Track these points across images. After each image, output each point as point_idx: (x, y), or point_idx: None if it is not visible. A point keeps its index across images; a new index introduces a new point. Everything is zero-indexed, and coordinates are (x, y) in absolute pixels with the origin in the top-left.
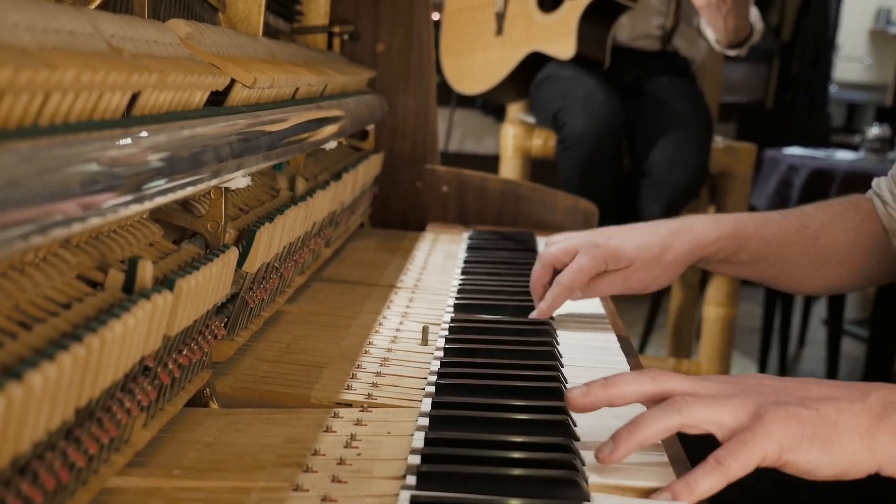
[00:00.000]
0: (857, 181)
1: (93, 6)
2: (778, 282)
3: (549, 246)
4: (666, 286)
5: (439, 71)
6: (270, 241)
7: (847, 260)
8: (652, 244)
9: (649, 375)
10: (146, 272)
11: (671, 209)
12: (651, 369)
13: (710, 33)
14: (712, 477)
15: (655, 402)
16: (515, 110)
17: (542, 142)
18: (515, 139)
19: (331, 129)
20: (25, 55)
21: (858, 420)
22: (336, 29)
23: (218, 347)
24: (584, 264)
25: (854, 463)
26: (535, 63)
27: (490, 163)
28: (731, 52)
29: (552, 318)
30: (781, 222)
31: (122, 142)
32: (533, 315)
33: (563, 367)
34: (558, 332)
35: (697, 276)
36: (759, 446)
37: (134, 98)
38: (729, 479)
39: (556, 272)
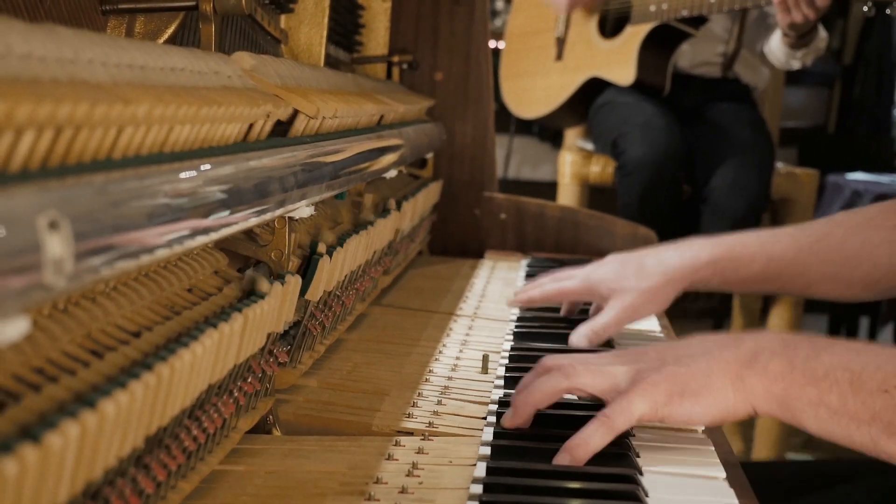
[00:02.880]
0: None
1: (161, 40)
2: (808, 293)
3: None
4: (660, 311)
5: (497, 98)
6: (333, 269)
7: (885, 259)
8: (645, 268)
9: (540, 364)
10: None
11: None
12: (544, 363)
13: (775, 41)
14: (600, 432)
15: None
16: (573, 137)
17: (600, 168)
18: (573, 166)
19: (391, 157)
20: (101, 90)
21: (730, 367)
22: (395, 59)
23: (281, 375)
24: (566, 286)
25: (727, 407)
26: (594, 88)
27: (547, 189)
28: (795, 62)
29: (612, 340)
30: (796, 236)
31: (190, 174)
32: (513, 298)
33: None
34: None
35: (759, 304)
36: (636, 405)
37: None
38: (615, 432)
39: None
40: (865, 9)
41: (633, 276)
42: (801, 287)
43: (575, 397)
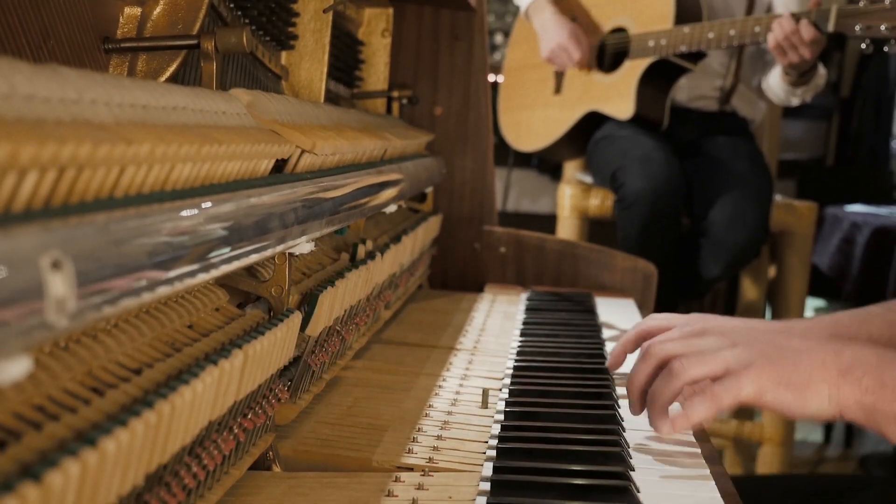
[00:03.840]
0: None
1: (163, 78)
2: None
3: (647, 320)
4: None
5: (496, 131)
6: (332, 304)
7: None
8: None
9: (648, 353)
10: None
11: (731, 269)
12: (652, 352)
13: (775, 77)
14: (705, 405)
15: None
16: (572, 170)
17: (600, 201)
18: (572, 199)
19: (390, 192)
20: (103, 130)
21: (829, 373)
22: (395, 94)
23: (280, 410)
24: (673, 333)
25: (819, 406)
26: (592, 122)
27: (547, 222)
28: (795, 98)
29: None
30: (887, 315)
31: (191, 212)
32: (608, 362)
33: (624, 431)
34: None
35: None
36: (744, 386)
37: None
38: (720, 408)
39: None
40: (863, 46)
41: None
42: None
43: (565, 424)
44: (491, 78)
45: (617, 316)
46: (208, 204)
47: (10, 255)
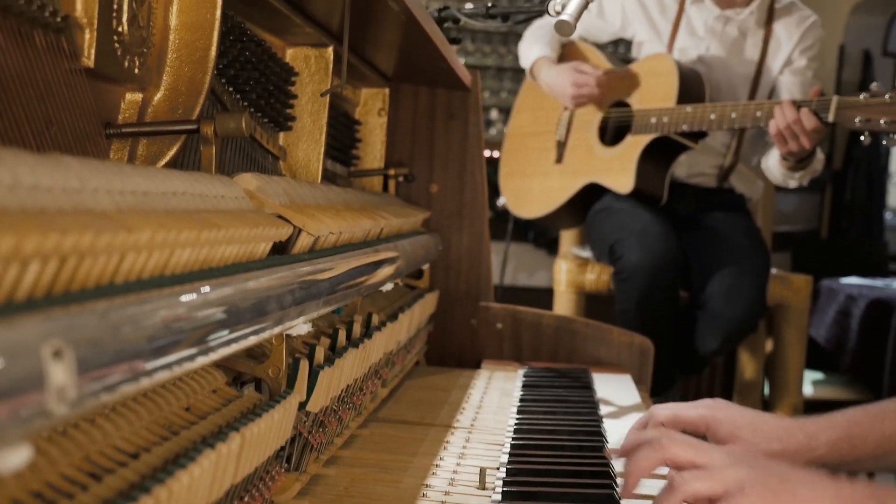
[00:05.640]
0: None
1: (163, 162)
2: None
3: (654, 410)
4: None
5: (493, 205)
6: (330, 383)
7: None
8: (761, 429)
9: (657, 446)
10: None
11: (729, 342)
12: (657, 436)
13: (773, 160)
14: None
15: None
16: (568, 244)
17: (596, 276)
18: (569, 274)
19: (387, 271)
20: (105, 218)
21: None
22: (391, 172)
23: (277, 491)
24: (683, 411)
25: None
26: (592, 193)
27: (544, 296)
28: (793, 181)
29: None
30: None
31: (190, 297)
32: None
33: None
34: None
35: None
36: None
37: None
38: None
39: None
40: (862, 137)
41: (754, 433)
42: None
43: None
44: (486, 153)
45: (614, 392)
46: (207, 288)
47: (13, 346)
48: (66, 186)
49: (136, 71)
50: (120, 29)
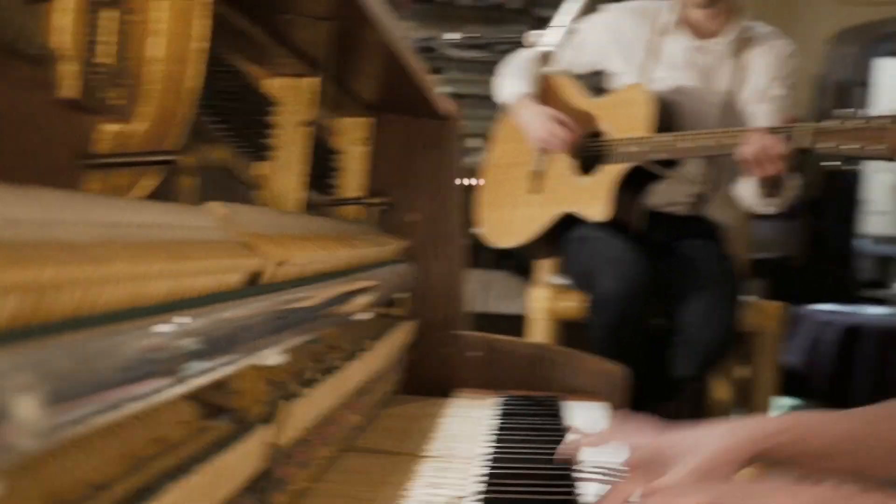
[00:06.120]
0: (889, 337)
1: (140, 193)
2: (874, 473)
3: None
4: (730, 475)
5: (471, 234)
6: (303, 414)
7: None
8: (704, 438)
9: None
10: None
11: (704, 368)
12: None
13: (748, 187)
14: None
15: None
16: (544, 272)
17: (571, 304)
18: (544, 301)
19: (363, 300)
20: (75, 251)
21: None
22: (370, 201)
23: None
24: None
25: None
26: (568, 222)
27: (520, 323)
28: (768, 207)
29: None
30: (857, 416)
31: (162, 328)
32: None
33: None
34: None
35: None
36: None
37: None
38: None
39: None
40: (836, 164)
41: (699, 443)
42: (866, 465)
43: None
44: (466, 181)
45: (589, 420)
46: (179, 320)
47: None
48: (37, 219)
49: (115, 102)
50: (99, 60)
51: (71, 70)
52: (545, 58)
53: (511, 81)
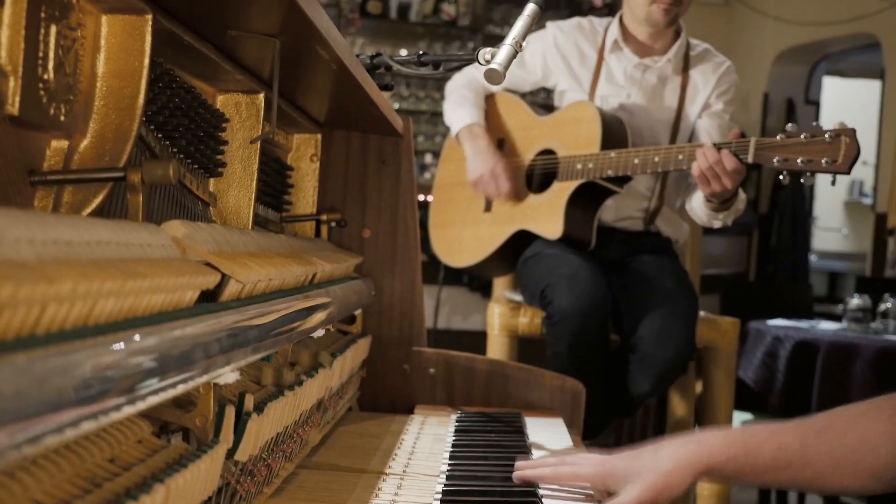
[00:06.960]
0: (841, 351)
1: (89, 209)
2: (820, 485)
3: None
4: (678, 494)
5: (426, 249)
6: (259, 431)
7: (885, 449)
8: (654, 457)
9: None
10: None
11: (660, 385)
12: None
13: (697, 202)
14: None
15: None
16: (501, 288)
17: (529, 320)
18: (502, 318)
19: (319, 317)
20: (25, 269)
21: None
22: (323, 217)
23: None
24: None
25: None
26: (522, 240)
27: (479, 338)
28: (717, 222)
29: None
30: (801, 427)
31: (115, 346)
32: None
33: None
34: None
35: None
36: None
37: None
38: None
39: None
40: (781, 177)
41: (650, 462)
42: (812, 477)
43: None
44: (420, 197)
45: (546, 436)
46: (131, 338)
47: None
48: None
49: (62, 118)
50: (45, 76)
51: (17, 86)
52: (497, 74)
53: (460, 110)
